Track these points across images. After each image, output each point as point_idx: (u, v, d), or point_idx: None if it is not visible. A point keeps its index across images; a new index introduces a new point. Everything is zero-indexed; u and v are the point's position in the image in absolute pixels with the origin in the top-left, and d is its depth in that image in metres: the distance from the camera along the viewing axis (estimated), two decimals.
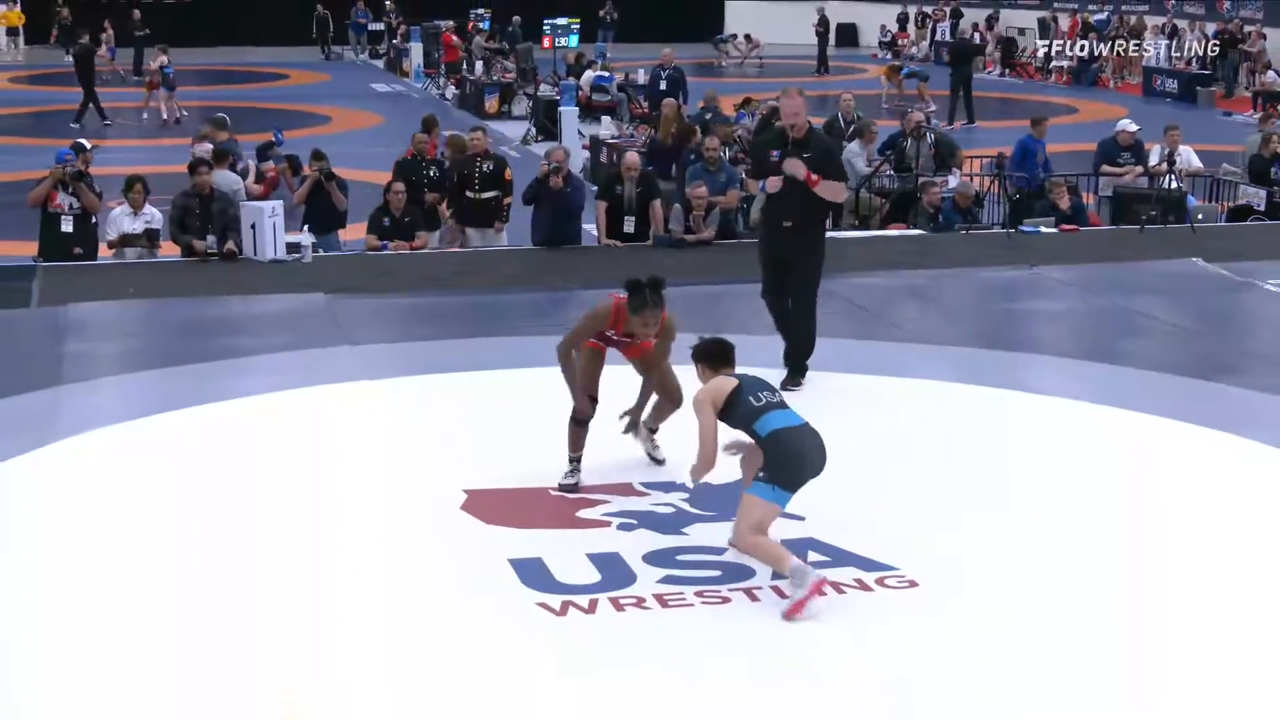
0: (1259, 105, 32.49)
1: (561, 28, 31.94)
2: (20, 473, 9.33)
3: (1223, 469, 9.56)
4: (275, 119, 26.92)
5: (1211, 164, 20.66)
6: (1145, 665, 6.91)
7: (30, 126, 29.12)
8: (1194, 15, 38.97)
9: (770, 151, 11.26)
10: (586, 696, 6.61)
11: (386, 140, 19.97)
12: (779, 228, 11.17)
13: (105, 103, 31.15)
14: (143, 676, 6.71)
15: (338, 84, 39.07)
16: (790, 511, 8.49)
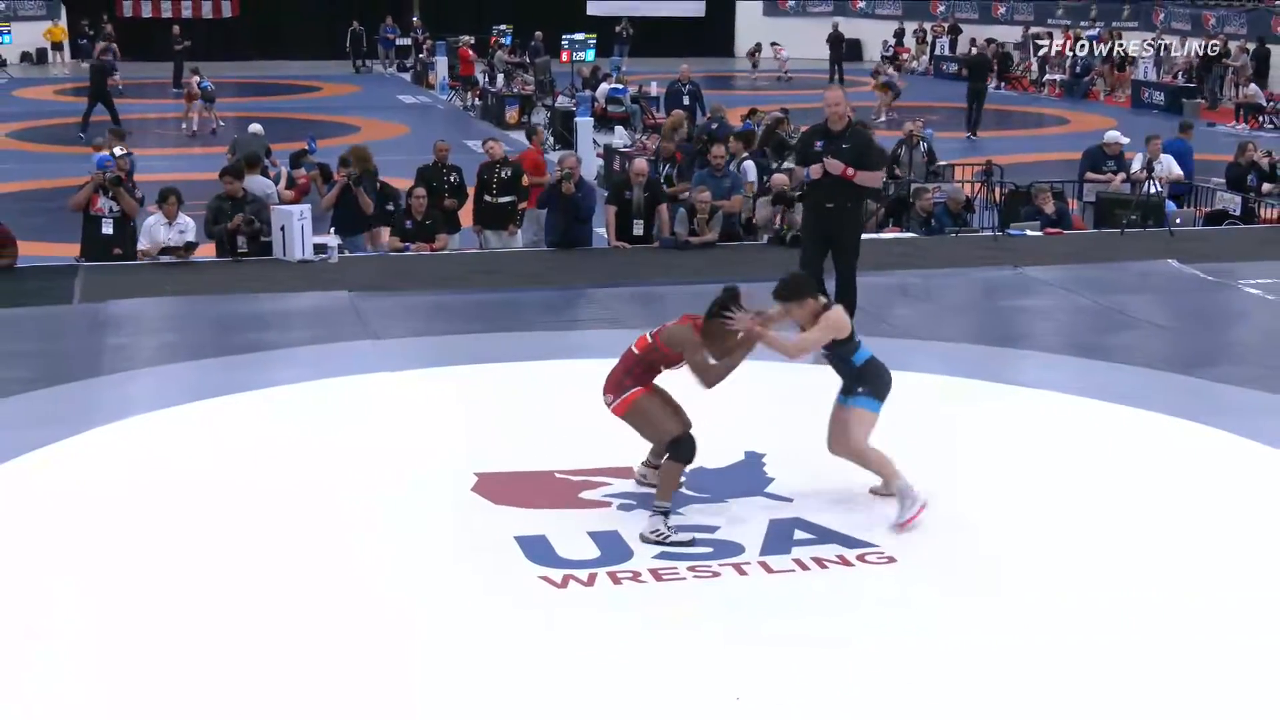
0: (1241, 117, 32.57)
1: (579, 43, 31.89)
2: (64, 457, 9.44)
3: (1193, 458, 9.62)
4: (309, 129, 27.03)
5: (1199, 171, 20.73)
6: (1108, 636, 7.01)
7: (73, 136, 29.20)
8: (1181, 31, 38.91)
9: (815, 142, 11.96)
10: (582, 661, 6.72)
11: (411, 149, 20.05)
12: (823, 209, 12.02)
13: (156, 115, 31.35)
14: (186, 629, 6.87)
15: (367, 96, 39.07)
16: (778, 493, 8.71)
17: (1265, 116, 32.06)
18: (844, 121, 12.01)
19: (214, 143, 28.27)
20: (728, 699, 6.35)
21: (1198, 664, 6.72)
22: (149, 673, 6.57)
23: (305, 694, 6.42)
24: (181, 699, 6.34)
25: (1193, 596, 7.47)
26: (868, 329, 12.86)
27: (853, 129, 12.14)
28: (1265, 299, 14.18)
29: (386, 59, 47.19)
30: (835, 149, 11.78)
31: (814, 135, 12.19)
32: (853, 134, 12.07)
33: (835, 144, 11.82)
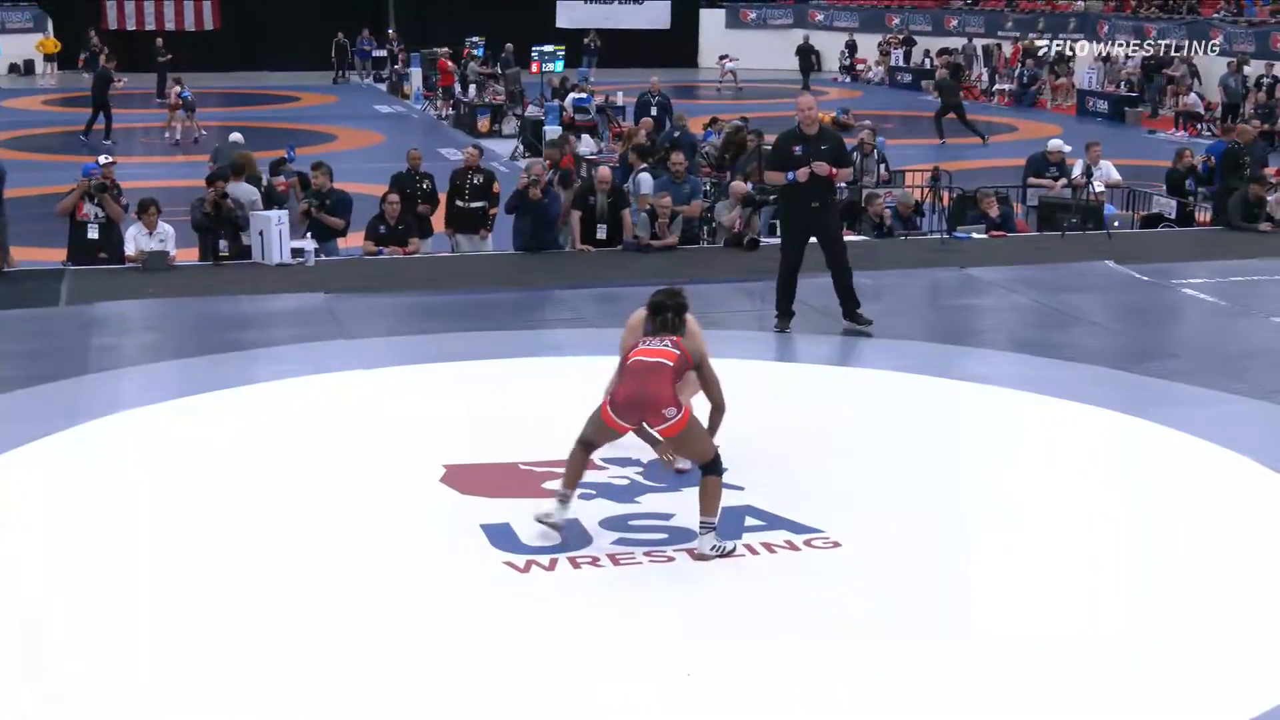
0: (1180, 124, 32.81)
1: (548, 54, 31.89)
2: (52, 451, 9.49)
3: (1125, 448, 9.80)
4: (288, 138, 27.01)
5: (1134, 177, 20.92)
6: (1037, 611, 7.18)
7: (60, 145, 29.17)
8: (1124, 42, 39.12)
9: (793, 147, 12.11)
10: (544, 641, 6.83)
11: (386, 157, 20.13)
12: (808, 207, 12.26)
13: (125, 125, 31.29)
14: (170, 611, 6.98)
15: (344, 105, 38.93)
16: (731, 483, 8.78)
17: (1203, 124, 32.32)
18: (816, 125, 12.27)
19: (196, 151, 28.23)
20: (679, 675, 6.47)
21: (1118, 637, 6.90)
22: (132, 653, 6.67)
23: (277, 672, 6.52)
24: (162, 678, 6.45)
25: (1118, 579, 7.66)
26: (822, 327, 13.12)
27: (824, 130, 12.40)
28: (1198, 298, 14.37)
29: (363, 70, 47.13)
30: (815, 151, 12.01)
31: (790, 140, 12.31)
32: (827, 135, 12.38)
33: (814, 147, 12.06)
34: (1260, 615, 7.17)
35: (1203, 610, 7.21)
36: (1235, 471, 9.21)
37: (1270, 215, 17.51)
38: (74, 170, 17.27)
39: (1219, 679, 6.51)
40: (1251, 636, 6.93)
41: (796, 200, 12.37)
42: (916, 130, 32.32)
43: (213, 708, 6.20)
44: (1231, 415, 10.35)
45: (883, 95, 42.55)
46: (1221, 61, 34.36)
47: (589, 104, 30.39)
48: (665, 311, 8.26)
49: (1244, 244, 16.80)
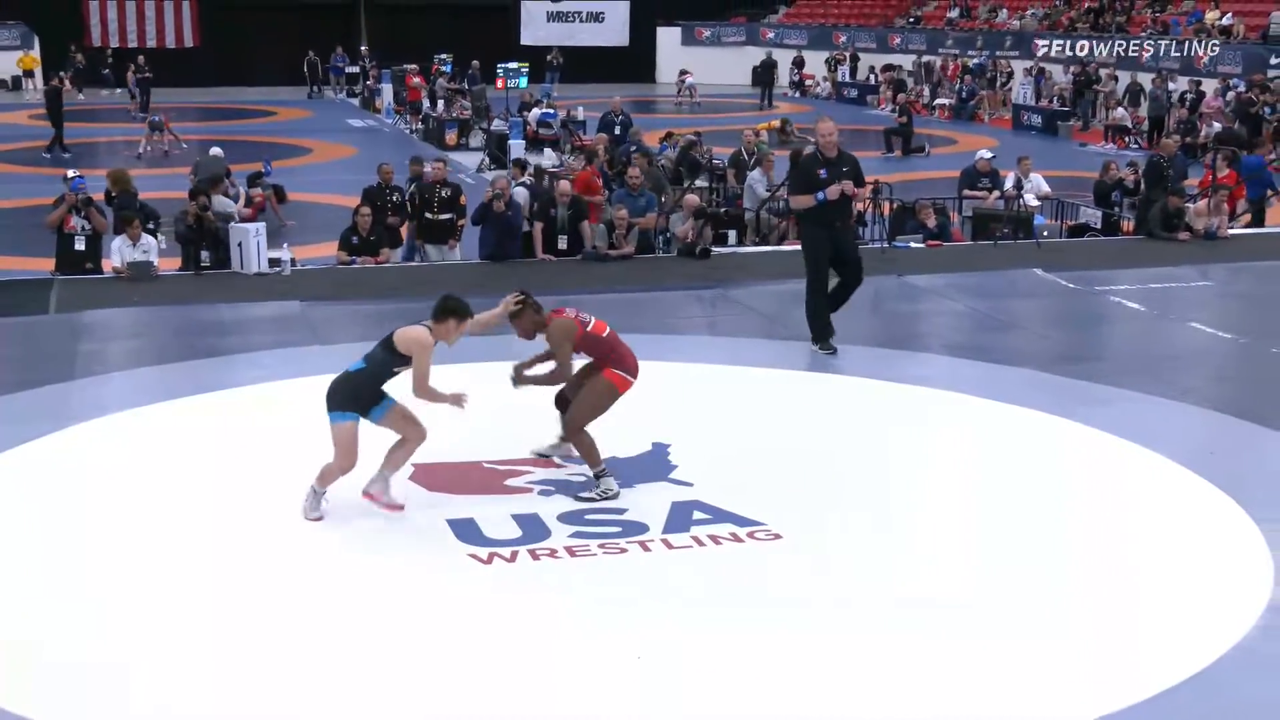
0: (1109, 137, 33.12)
1: (513, 71, 31.87)
2: (41, 453, 9.55)
3: (1049, 446, 9.97)
4: (265, 151, 27.00)
5: (1065, 187, 21.15)
6: (959, 602, 7.40)
7: (46, 158, 29.07)
8: (1057, 59, 39.46)
9: (818, 170, 11.97)
10: (504, 628, 6.99)
11: (360, 169, 20.16)
12: (831, 226, 12.09)
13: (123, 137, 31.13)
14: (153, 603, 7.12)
15: (319, 120, 38.75)
16: (680, 479, 9.01)
17: (1130, 137, 32.64)
18: (836, 148, 12.15)
19: (168, 164, 28.12)
20: (630, 658, 6.65)
21: (1031, 625, 7.13)
22: (116, 642, 6.82)
23: (252, 659, 6.67)
24: (149, 668, 6.59)
25: (1030, 565, 7.85)
26: (767, 332, 13.27)
27: (843, 153, 12.26)
28: (1120, 304, 14.58)
29: (337, 86, 47.05)
30: (838, 173, 11.91)
31: (814, 164, 12.15)
32: (846, 158, 12.24)
33: (837, 169, 11.96)
34: (1162, 598, 7.41)
35: (1108, 595, 7.45)
36: (1148, 467, 9.44)
37: (1188, 225, 17.79)
38: (59, 184, 17.27)
39: (1125, 655, 6.73)
40: (1153, 617, 7.16)
41: (820, 222, 12.15)
42: (862, 143, 32.48)
43: (186, 699, 6.34)
44: (1148, 414, 10.56)
45: (830, 109, 42.73)
46: (1146, 78, 34.70)
47: (553, 119, 30.52)
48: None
49: (1164, 252, 17.06)
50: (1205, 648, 6.80)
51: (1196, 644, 6.84)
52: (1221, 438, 10.19)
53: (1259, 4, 36.70)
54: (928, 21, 48.38)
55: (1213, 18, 36.99)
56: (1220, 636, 6.92)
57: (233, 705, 6.25)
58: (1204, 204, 18.16)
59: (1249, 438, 10.15)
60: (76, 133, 31.79)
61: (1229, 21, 36.44)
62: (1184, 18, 38.01)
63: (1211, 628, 7.02)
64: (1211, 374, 12.14)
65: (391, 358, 8.33)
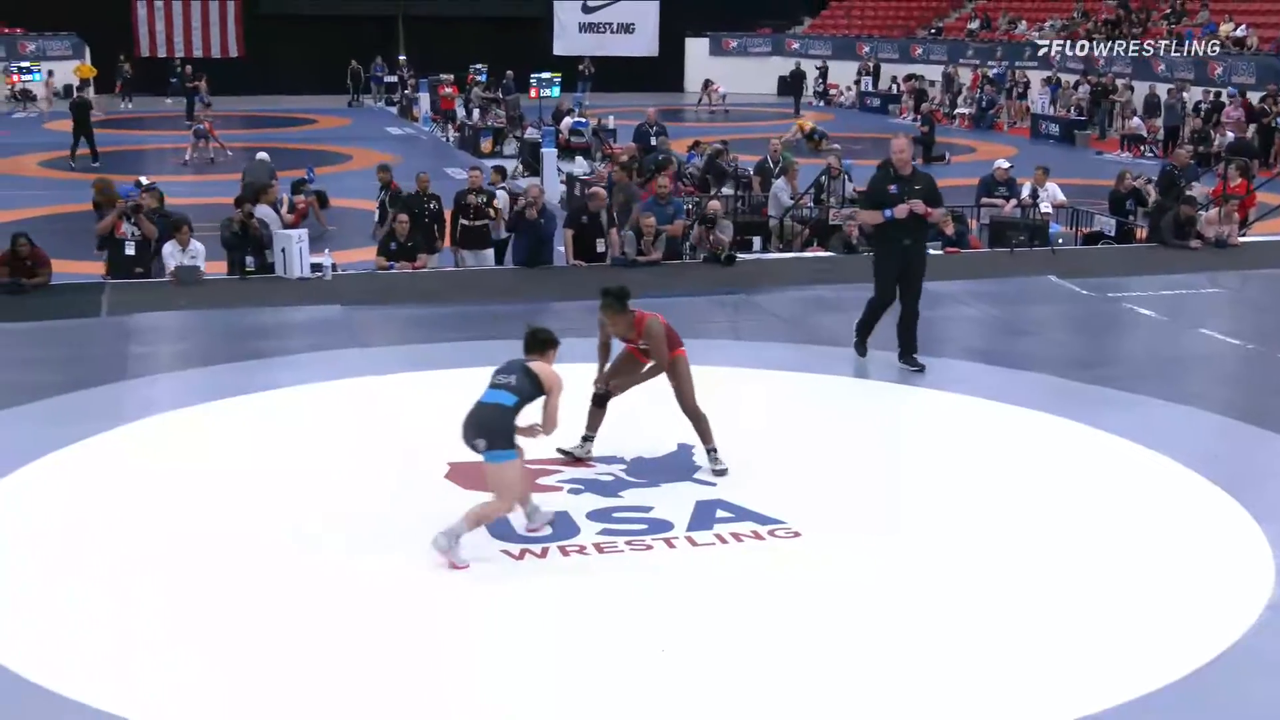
0: (1125, 146, 33.06)
1: (546, 80, 31.91)
2: (95, 451, 9.71)
3: (1062, 449, 10.00)
4: (307, 158, 27.19)
5: (1082, 195, 21.11)
6: (969, 592, 7.48)
7: (102, 164, 29.28)
8: (1074, 70, 39.38)
9: (888, 186, 11.62)
10: (534, 621, 7.11)
11: (397, 176, 20.27)
12: (901, 245, 11.69)
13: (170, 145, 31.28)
14: (202, 593, 7.27)
15: (358, 127, 38.92)
16: (704, 479, 9.10)
17: (1145, 146, 32.57)
18: (910, 165, 11.83)
19: (215, 171, 28.33)
20: (655, 651, 6.77)
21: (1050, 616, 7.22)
22: (166, 617, 6.97)
23: (299, 644, 6.81)
24: (195, 653, 6.74)
25: (1042, 566, 7.93)
26: (789, 337, 13.34)
27: (916, 171, 11.94)
28: (1133, 310, 14.61)
29: (376, 94, 47.23)
30: (909, 190, 11.55)
31: (885, 180, 11.78)
32: (919, 176, 11.88)
33: (909, 186, 11.59)
34: (1165, 596, 7.48)
35: (1113, 592, 7.52)
36: (1155, 469, 9.51)
37: (1199, 233, 17.80)
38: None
39: (1129, 651, 6.80)
40: (1156, 614, 7.24)
41: (891, 239, 11.74)
42: (884, 151, 32.41)
43: (234, 681, 6.50)
44: (1157, 418, 10.62)
45: (854, 118, 42.78)
46: (1162, 89, 34.61)
47: (585, 128, 30.61)
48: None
49: (1175, 260, 17.05)
50: (1207, 644, 6.87)
51: (1198, 641, 6.91)
52: (1227, 441, 10.25)
53: (1273, 16, 36.57)
54: (949, 33, 48.32)
55: (1227, 29, 36.86)
56: (1222, 634, 6.99)
57: (280, 691, 6.39)
58: (1215, 212, 18.14)
59: (1254, 441, 10.20)
60: (128, 139, 32.04)
61: (1243, 33, 36.32)
62: (1199, 29, 37.87)
63: (1213, 625, 7.09)
64: (1220, 379, 12.18)
65: (535, 393, 7.95)
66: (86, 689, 6.36)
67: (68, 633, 6.95)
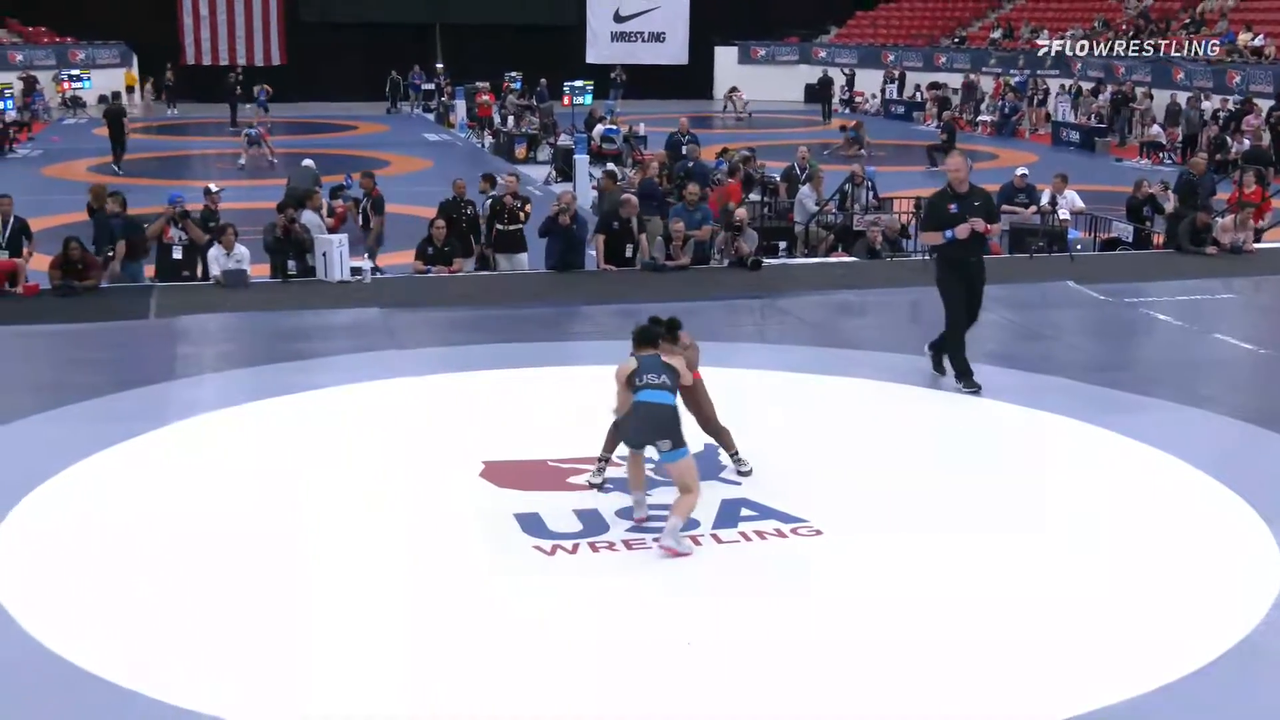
0: (1144, 153, 32.96)
1: (579, 88, 32.02)
2: (143, 449, 9.85)
3: (1078, 451, 10.05)
4: (347, 163, 27.27)
5: (1101, 201, 21.05)
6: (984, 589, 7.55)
7: (146, 169, 29.51)
8: (1095, 78, 39.29)
9: (948, 205, 11.25)
10: (566, 613, 7.22)
11: (434, 181, 20.36)
12: (966, 263, 11.38)
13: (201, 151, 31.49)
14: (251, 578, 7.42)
15: (396, 134, 39.03)
16: (729, 478, 9.17)
17: (1165, 153, 32.48)
18: (967, 184, 11.42)
19: (262, 176, 28.51)
20: (681, 643, 6.86)
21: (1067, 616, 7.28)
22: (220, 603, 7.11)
23: (344, 631, 6.92)
24: (239, 640, 6.87)
25: (1057, 564, 7.99)
26: (813, 340, 13.40)
27: (974, 188, 11.55)
28: (1149, 315, 14.62)
29: (414, 102, 47.41)
30: (969, 209, 11.21)
31: (944, 200, 11.40)
32: (978, 193, 11.53)
33: (968, 204, 11.24)
34: (1174, 594, 7.55)
35: (1123, 590, 7.59)
36: (1168, 470, 9.55)
37: (1215, 240, 17.78)
38: (157, 193, 17.63)
39: (1151, 645, 6.87)
40: (1164, 611, 7.31)
41: (955, 259, 11.39)
42: (907, 158, 32.49)
43: (271, 668, 6.63)
44: (1171, 421, 10.65)
45: (878, 124, 42.71)
46: (1182, 97, 34.52)
47: (616, 134, 30.67)
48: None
49: (1191, 266, 17.04)
50: (1216, 640, 6.93)
51: (1208, 637, 6.96)
52: (1238, 444, 10.27)
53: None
54: (972, 42, 48.25)
55: (1245, 39, 36.72)
56: (1230, 630, 7.04)
57: (319, 679, 6.51)
58: (1230, 219, 18.12)
59: (1265, 444, 10.22)
60: (172, 145, 32.25)
61: (1260, 43, 36.17)
62: (1217, 39, 37.73)
63: (1222, 621, 7.14)
64: (1232, 383, 12.20)
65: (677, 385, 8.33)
66: (137, 677, 6.49)
67: (118, 622, 7.08)
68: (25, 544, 8.10)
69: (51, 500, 8.81)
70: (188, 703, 6.27)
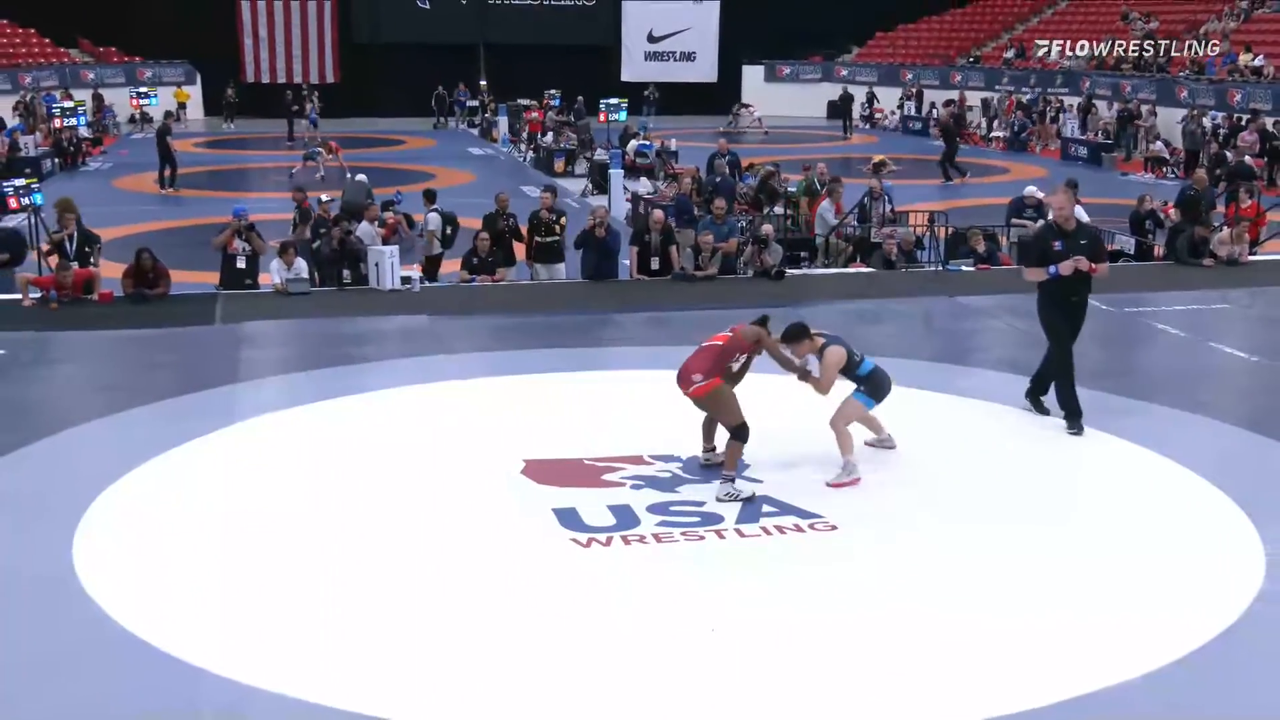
0: (1148, 167, 32.90)
1: (614, 105, 32.09)
2: (209, 448, 10.03)
3: (1081, 454, 10.16)
4: (396, 176, 27.49)
5: (1108, 214, 21.04)
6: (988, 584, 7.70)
7: (208, 182, 29.80)
8: (1103, 96, 39.22)
9: (1053, 242, 10.71)
10: (599, 601, 7.41)
11: (478, 193, 20.53)
12: (1069, 302, 10.81)
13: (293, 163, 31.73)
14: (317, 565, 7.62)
15: (442, 148, 39.12)
16: (752, 476, 9.32)
17: (1168, 168, 32.42)
18: (1073, 221, 10.86)
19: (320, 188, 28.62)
20: (705, 630, 7.04)
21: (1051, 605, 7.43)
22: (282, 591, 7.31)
23: (394, 614, 7.13)
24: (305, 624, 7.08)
25: (1059, 561, 8.12)
26: None
27: (1081, 226, 11.02)
28: (1149, 324, 14.68)
29: (459, 118, 47.60)
30: (1074, 247, 10.62)
31: (1049, 236, 10.84)
32: (1084, 230, 10.96)
33: (1074, 242, 10.64)
34: (1169, 587, 7.68)
35: (1114, 583, 7.72)
36: (1163, 472, 9.67)
37: (1213, 252, 17.82)
38: (221, 204, 17.88)
39: (1139, 635, 7.01)
40: (1157, 604, 7.44)
41: (1059, 297, 10.78)
42: (923, 172, 32.50)
43: (337, 642, 6.84)
44: (1167, 426, 10.75)
45: (897, 140, 42.73)
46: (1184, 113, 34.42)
47: (649, 150, 30.80)
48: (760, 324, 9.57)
49: (1189, 277, 17.07)
50: (1201, 630, 7.08)
51: (1194, 627, 7.10)
52: (1230, 448, 10.34)
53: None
54: (986, 61, 48.18)
55: (1246, 59, 36.60)
56: (1215, 621, 7.19)
57: (368, 657, 6.70)
58: (1228, 233, 18.16)
59: (1255, 447, 10.31)
60: (235, 159, 32.50)
61: (1260, 62, 36.05)
62: (1219, 59, 37.62)
63: (1208, 613, 7.29)
64: (1227, 390, 12.28)
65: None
66: (206, 655, 6.72)
67: (190, 604, 7.29)
68: (105, 533, 8.33)
69: (128, 493, 9.03)
70: (252, 680, 6.49)
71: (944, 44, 51.55)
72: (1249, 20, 39.91)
